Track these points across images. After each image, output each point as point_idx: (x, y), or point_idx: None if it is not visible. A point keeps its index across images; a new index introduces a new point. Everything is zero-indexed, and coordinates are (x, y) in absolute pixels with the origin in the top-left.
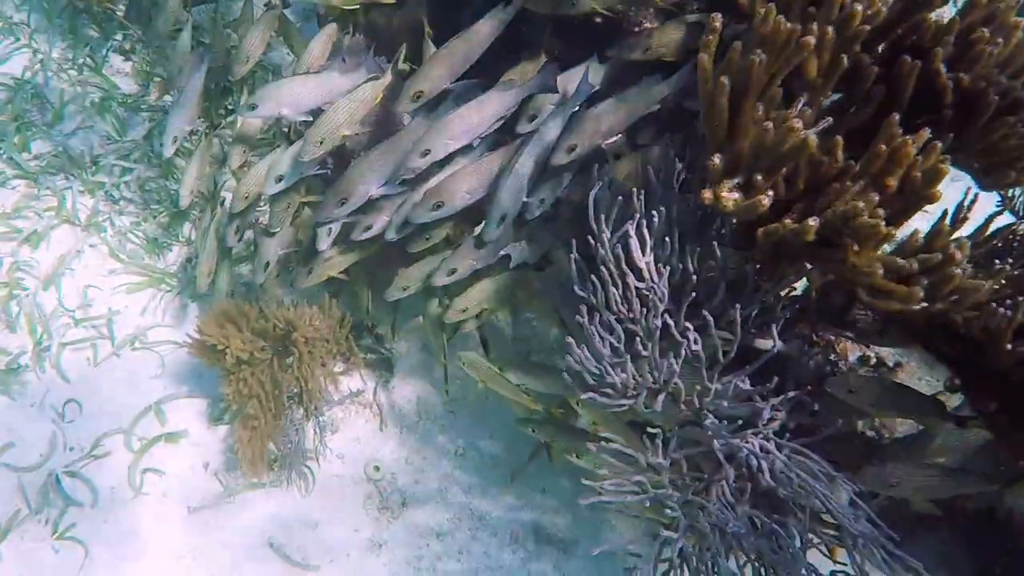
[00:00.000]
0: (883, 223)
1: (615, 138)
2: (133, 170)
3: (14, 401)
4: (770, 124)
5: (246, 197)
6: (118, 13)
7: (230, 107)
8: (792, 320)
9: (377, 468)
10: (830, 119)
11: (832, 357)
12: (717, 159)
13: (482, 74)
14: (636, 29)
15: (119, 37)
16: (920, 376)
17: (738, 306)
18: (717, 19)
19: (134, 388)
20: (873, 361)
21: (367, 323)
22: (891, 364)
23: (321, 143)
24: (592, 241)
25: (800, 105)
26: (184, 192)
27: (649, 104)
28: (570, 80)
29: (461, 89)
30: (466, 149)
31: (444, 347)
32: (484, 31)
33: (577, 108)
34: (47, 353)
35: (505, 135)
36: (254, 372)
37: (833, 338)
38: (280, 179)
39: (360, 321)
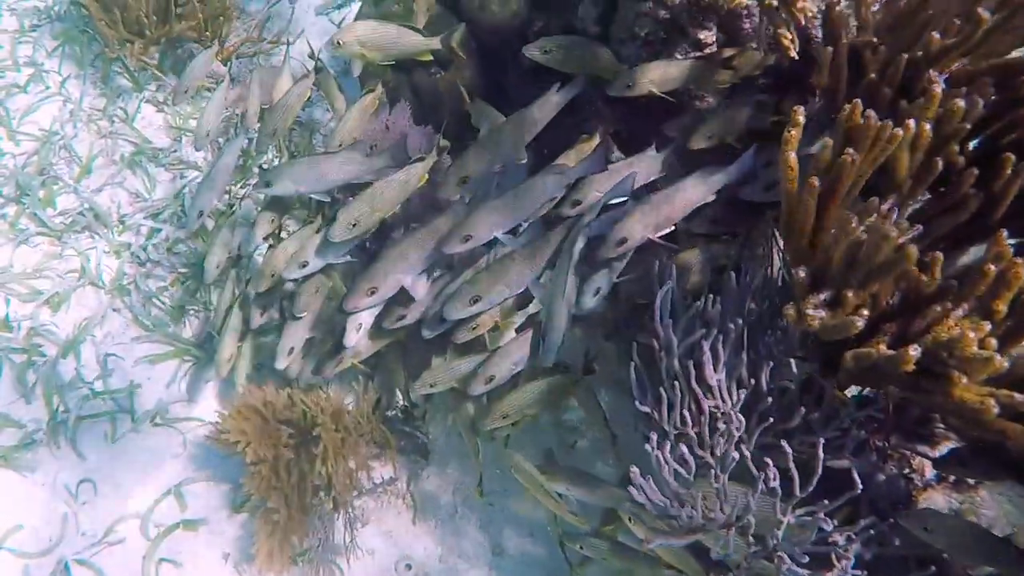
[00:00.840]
0: (998, 356)
1: (668, 230)
2: (161, 230)
3: (25, 478)
4: (862, 232)
5: (272, 275)
6: (150, 63)
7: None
8: (866, 437)
9: (409, 567)
10: (920, 227)
11: (907, 471)
12: (803, 273)
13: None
14: (696, 104)
15: (153, 88)
16: (1002, 492)
17: (820, 437)
18: (800, 112)
19: (153, 468)
20: (952, 479)
21: (401, 403)
22: (972, 481)
23: (355, 226)
24: (656, 346)
25: (888, 209)
26: (210, 267)
27: (706, 195)
28: (628, 165)
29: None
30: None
31: (479, 450)
32: (537, 115)
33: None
34: (63, 427)
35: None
36: (277, 466)
37: (908, 452)
38: (304, 265)
39: (394, 401)
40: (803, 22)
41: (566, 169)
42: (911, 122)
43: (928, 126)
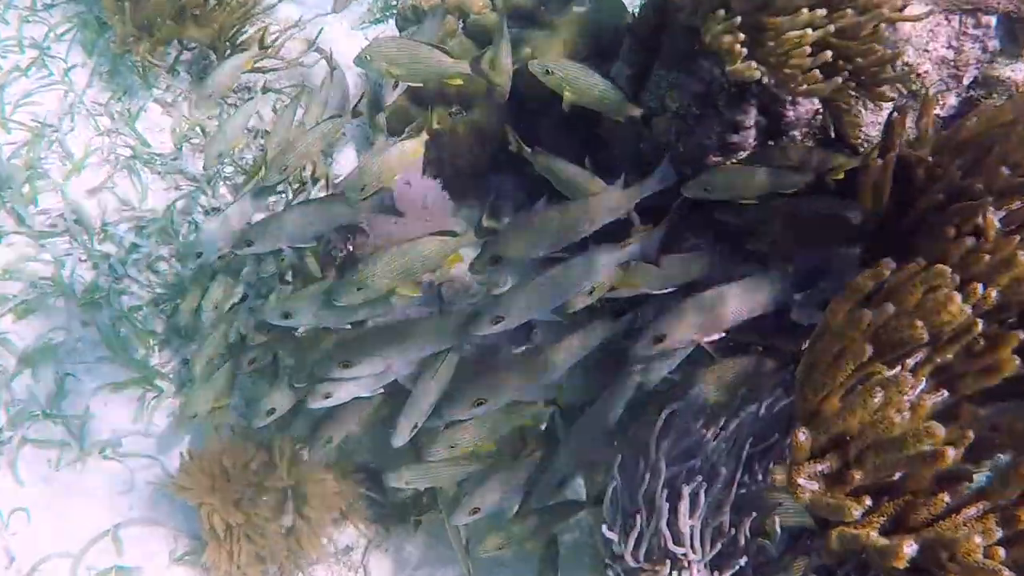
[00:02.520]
0: (1006, 571)
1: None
2: (144, 247)
3: None
4: (888, 407)
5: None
6: (157, 64)
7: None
8: None
9: None
10: (944, 392)
11: None
12: (803, 435)
13: None
14: None
15: (163, 87)
16: None
17: None
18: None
19: (95, 505)
20: None
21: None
22: None
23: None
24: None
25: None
26: (208, 307)
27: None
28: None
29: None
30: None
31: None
32: (599, 209)
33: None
34: (5, 447)
35: None
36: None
37: None
38: (271, 412)
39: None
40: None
41: (616, 249)
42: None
43: (994, 293)
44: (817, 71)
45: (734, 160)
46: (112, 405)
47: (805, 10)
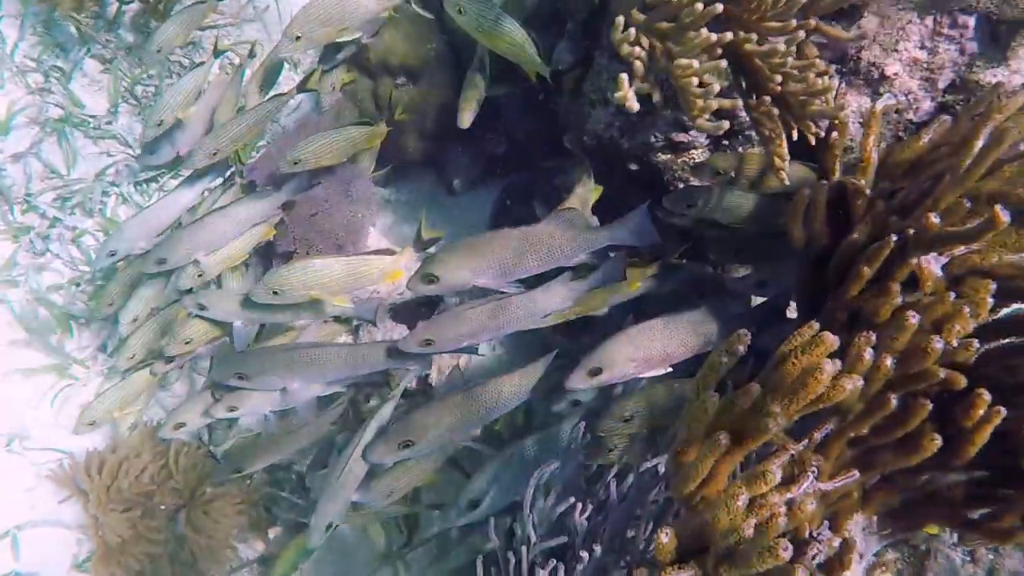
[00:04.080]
0: None
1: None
2: (60, 220)
3: None
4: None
5: (187, 342)
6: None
7: None
8: None
9: None
10: (855, 474)
11: None
12: (666, 536)
13: None
14: None
15: (102, 42)
16: None
17: None
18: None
19: None
20: None
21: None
22: None
23: None
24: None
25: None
26: (126, 319)
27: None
28: None
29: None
30: None
31: None
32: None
33: None
34: None
35: None
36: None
37: None
38: (181, 426)
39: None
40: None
41: (578, 284)
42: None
43: (889, 362)
44: (714, 102)
45: (684, 159)
46: (23, 393)
47: (704, 31)
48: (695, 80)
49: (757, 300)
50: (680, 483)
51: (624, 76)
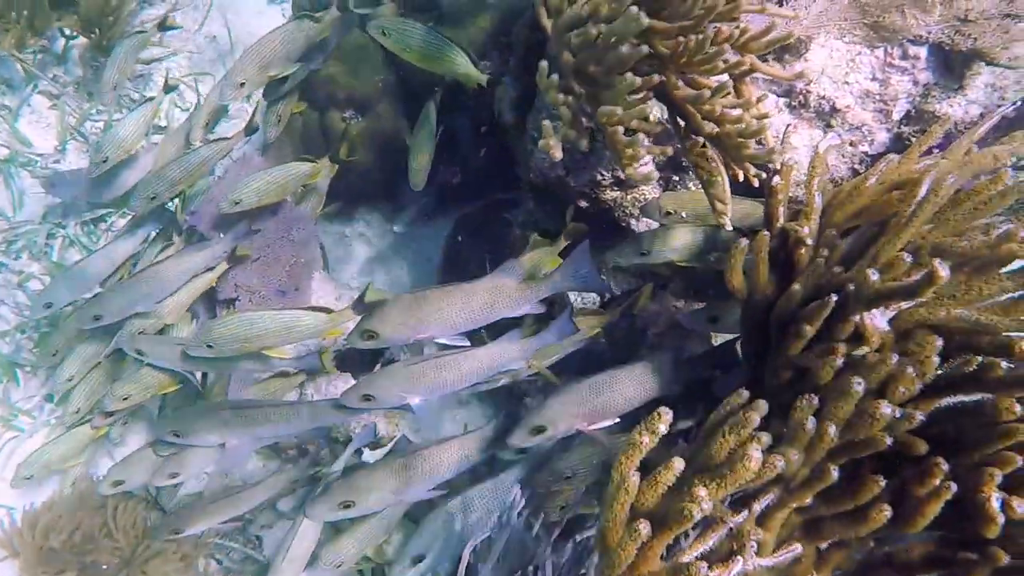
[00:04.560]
0: None
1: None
2: (5, 265)
3: None
4: None
5: (125, 399)
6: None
7: None
8: None
9: None
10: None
11: None
12: None
13: None
14: None
15: (50, 77)
16: None
17: None
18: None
19: None
20: None
21: None
22: None
23: None
24: None
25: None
26: (62, 377)
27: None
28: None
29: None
30: None
31: None
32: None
33: None
34: None
35: None
36: None
37: None
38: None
39: None
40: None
41: (529, 341)
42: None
43: (832, 430)
44: (643, 149)
45: (634, 195)
46: None
47: (629, 75)
48: (621, 129)
49: None
50: (607, 568)
51: (547, 124)
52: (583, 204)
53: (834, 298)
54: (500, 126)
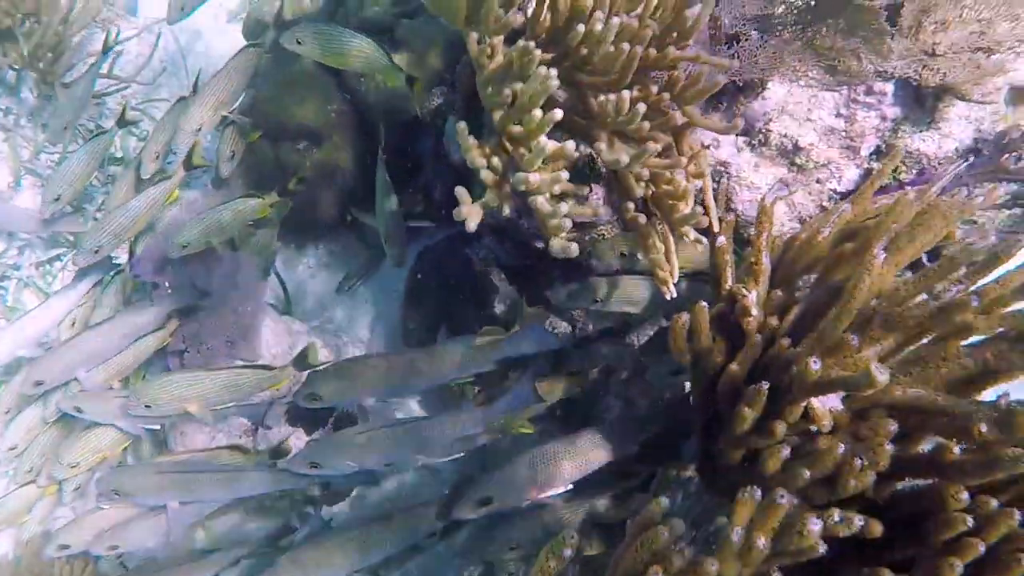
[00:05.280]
0: None
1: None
2: None
3: None
4: None
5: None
6: None
7: None
8: None
9: None
10: None
11: None
12: None
13: None
14: None
15: (2, 108)
16: None
17: None
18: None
19: None
20: None
21: None
22: None
23: None
24: None
25: None
26: (3, 448)
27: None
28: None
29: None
30: None
31: None
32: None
33: None
34: None
35: None
36: None
37: None
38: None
39: None
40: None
41: (485, 411)
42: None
43: (761, 543)
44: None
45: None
46: None
47: (543, 138)
48: (540, 198)
49: None
50: None
51: (462, 191)
52: (540, 245)
53: (766, 386)
54: (449, 164)
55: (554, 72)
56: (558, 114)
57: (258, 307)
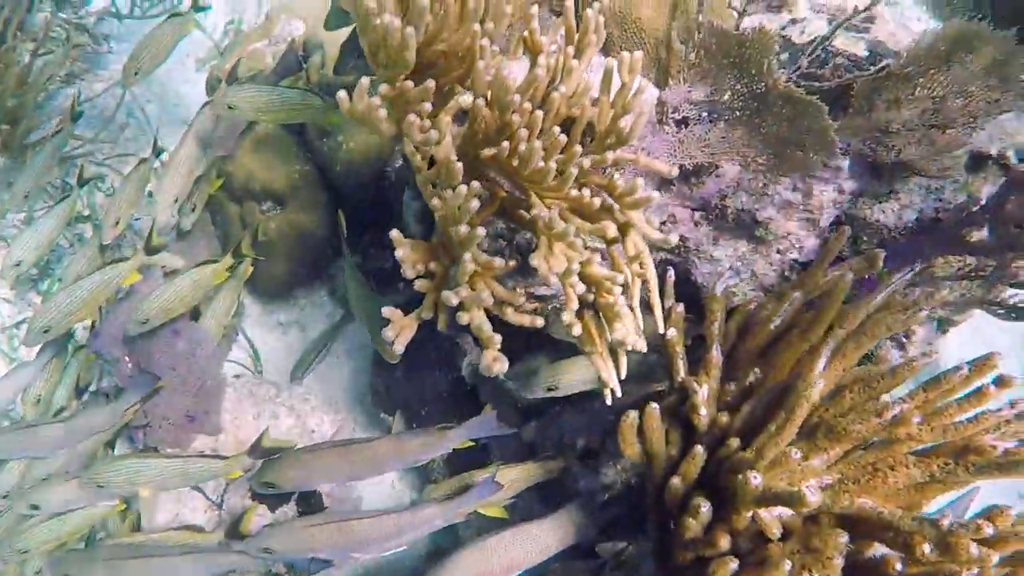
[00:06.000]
0: None
1: None
2: None
3: None
4: None
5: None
6: None
7: None
8: None
9: None
10: None
11: None
12: None
13: None
14: None
15: None
16: None
17: None
18: None
19: None
20: None
21: None
22: None
23: None
24: None
25: None
26: None
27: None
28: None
29: None
30: None
31: None
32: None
33: None
34: None
35: None
36: None
37: None
38: None
39: None
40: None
41: (448, 506)
42: None
43: None
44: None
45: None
46: None
47: (468, 254)
48: (466, 316)
49: None
50: None
51: (390, 311)
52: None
53: (706, 507)
54: (409, 235)
55: (476, 187)
56: (480, 232)
57: (220, 379)
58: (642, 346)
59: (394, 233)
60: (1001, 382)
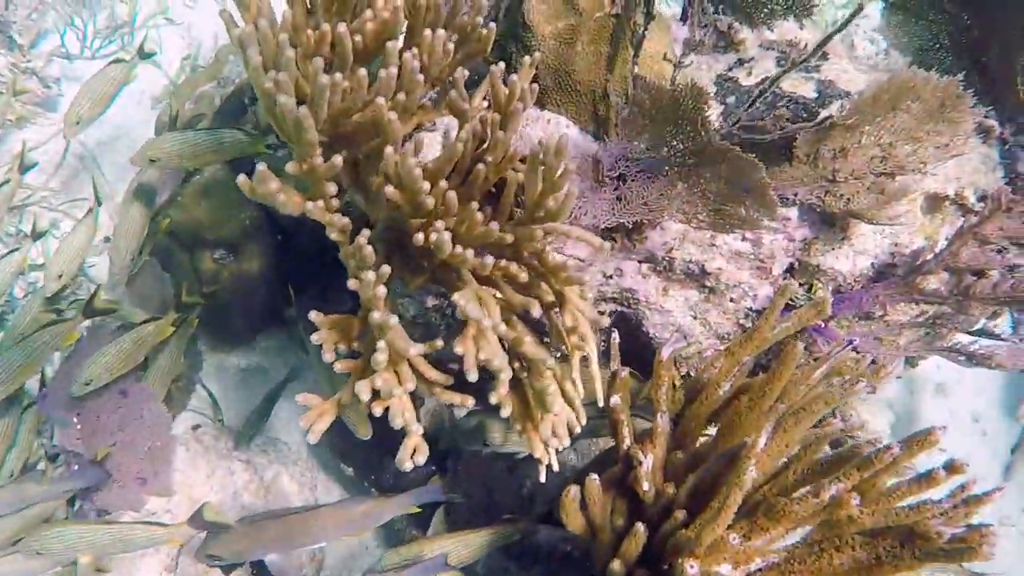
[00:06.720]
0: None
1: None
2: None
3: None
4: None
5: None
6: None
7: None
8: None
9: None
10: None
11: None
12: None
13: None
14: None
15: None
16: None
17: None
18: None
19: None
20: None
21: None
22: None
23: None
24: None
25: None
26: None
27: None
28: None
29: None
30: None
31: None
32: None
33: None
34: None
35: None
36: None
37: None
38: None
39: None
40: None
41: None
42: None
43: None
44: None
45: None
46: None
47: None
48: (393, 409)
49: None
50: None
51: (305, 397)
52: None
53: None
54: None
55: (385, 271)
56: (393, 320)
57: (168, 439)
58: (567, 442)
59: (313, 314)
60: (951, 468)
